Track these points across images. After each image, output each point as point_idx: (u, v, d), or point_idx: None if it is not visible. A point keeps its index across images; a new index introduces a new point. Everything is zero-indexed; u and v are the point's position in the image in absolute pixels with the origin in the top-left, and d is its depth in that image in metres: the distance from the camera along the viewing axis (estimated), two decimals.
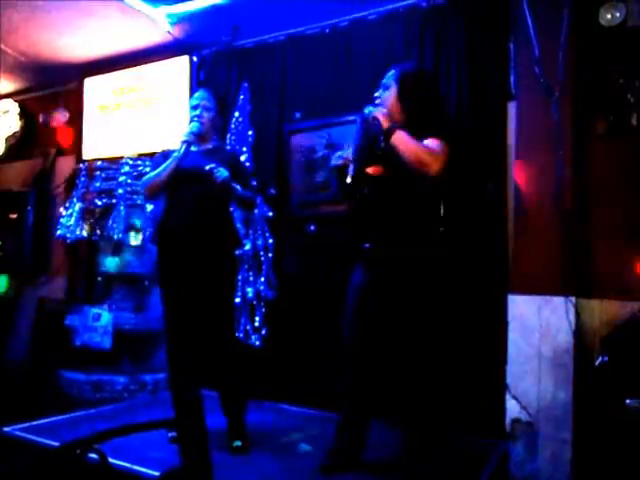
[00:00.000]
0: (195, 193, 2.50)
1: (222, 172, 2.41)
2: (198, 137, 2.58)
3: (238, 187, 2.52)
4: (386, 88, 2.33)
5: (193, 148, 2.57)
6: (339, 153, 2.31)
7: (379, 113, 2.19)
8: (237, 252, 3.09)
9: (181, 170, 2.50)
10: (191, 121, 2.62)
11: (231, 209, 2.76)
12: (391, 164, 2.18)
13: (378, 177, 2.22)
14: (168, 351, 2.57)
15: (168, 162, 2.51)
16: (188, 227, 2.50)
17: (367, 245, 2.26)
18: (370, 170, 2.23)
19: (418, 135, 2.15)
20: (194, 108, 2.65)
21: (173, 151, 2.57)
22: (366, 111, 2.24)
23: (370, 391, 2.28)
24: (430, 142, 2.14)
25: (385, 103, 2.29)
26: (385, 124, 2.16)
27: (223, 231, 2.62)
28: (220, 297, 2.60)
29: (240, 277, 3.54)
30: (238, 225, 3.39)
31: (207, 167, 2.41)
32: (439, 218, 2.33)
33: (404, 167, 2.12)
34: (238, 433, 2.51)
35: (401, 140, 2.12)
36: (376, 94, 2.36)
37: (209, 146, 2.67)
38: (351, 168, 2.22)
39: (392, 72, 2.36)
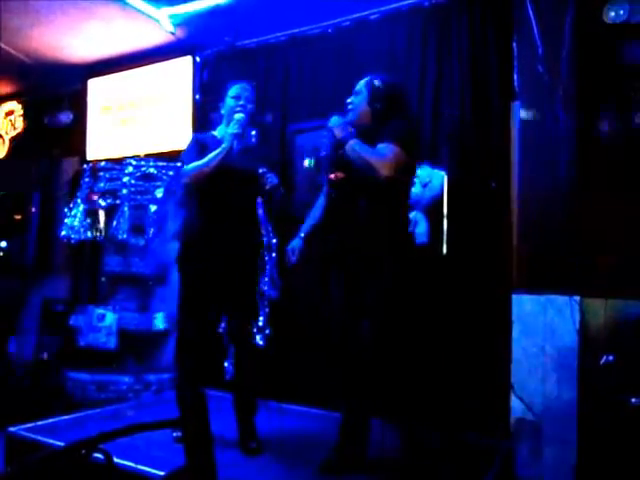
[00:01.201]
0: (230, 194, 2.48)
1: (273, 178, 2.43)
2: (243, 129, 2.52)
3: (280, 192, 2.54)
4: (357, 94, 2.42)
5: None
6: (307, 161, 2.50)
7: (334, 125, 2.34)
8: None
9: (223, 167, 2.44)
10: (235, 111, 2.54)
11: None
12: (349, 170, 2.30)
13: (339, 182, 2.35)
14: (179, 349, 2.56)
15: (216, 152, 2.43)
16: (223, 228, 2.48)
17: (331, 246, 2.37)
18: (332, 176, 2.37)
19: (380, 140, 2.24)
20: (236, 98, 2.57)
21: (205, 136, 2.55)
22: (329, 123, 2.37)
23: (372, 390, 2.28)
24: (383, 146, 2.22)
25: (356, 108, 2.40)
26: (339, 135, 2.30)
27: (254, 232, 2.64)
28: (246, 298, 2.60)
29: None
30: None
31: (260, 170, 2.44)
32: (398, 219, 2.45)
33: (360, 173, 2.24)
34: (252, 434, 2.50)
35: (352, 149, 2.25)
36: (348, 100, 2.44)
37: (241, 146, 2.59)
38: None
39: (364, 80, 2.43)
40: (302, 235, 2.51)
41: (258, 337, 3.47)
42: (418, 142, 2.64)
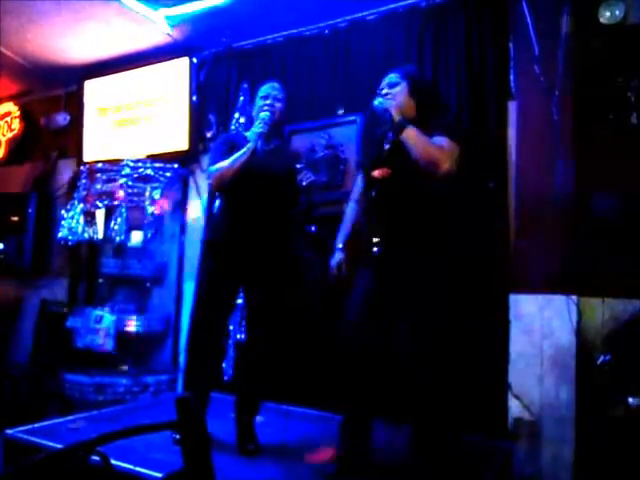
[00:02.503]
0: (260, 194, 2.43)
1: (309, 174, 2.45)
2: (269, 128, 2.47)
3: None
4: (394, 85, 2.28)
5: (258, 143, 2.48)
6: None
7: (391, 106, 2.14)
8: None
9: (248, 166, 2.41)
10: (261, 110, 2.51)
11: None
12: (398, 166, 2.16)
13: (385, 179, 2.19)
14: (191, 348, 2.56)
15: (241, 153, 2.39)
16: (246, 229, 2.46)
17: (376, 249, 2.21)
18: (377, 173, 2.21)
19: (428, 133, 2.11)
20: (265, 97, 2.55)
21: (236, 135, 2.52)
22: (376, 102, 2.19)
23: (373, 392, 2.27)
24: (439, 140, 2.10)
25: (397, 98, 2.24)
26: (396, 117, 2.12)
27: (281, 235, 2.56)
28: (272, 301, 2.57)
29: None
30: None
31: (298, 165, 2.45)
32: (445, 220, 2.29)
33: (411, 168, 2.09)
34: (251, 436, 2.50)
35: (412, 135, 2.07)
36: (384, 91, 2.28)
37: (271, 146, 2.57)
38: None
39: (395, 73, 2.32)
40: (340, 246, 2.35)
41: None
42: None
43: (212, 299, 2.54)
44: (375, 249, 2.21)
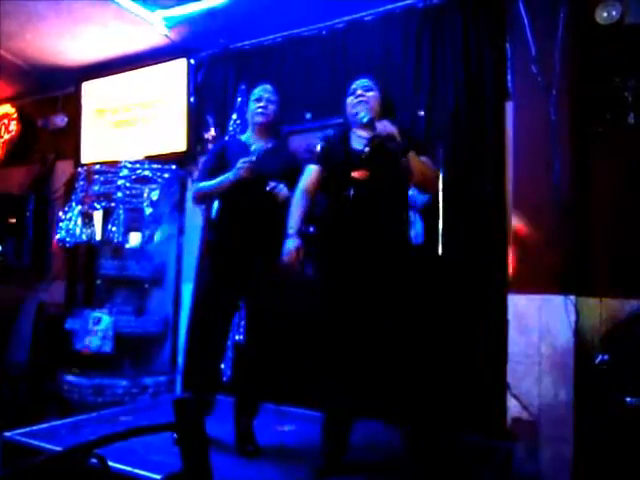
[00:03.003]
0: (254, 198, 2.46)
1: (283, 190, 2.42)
2: (259, 128, 2.55)
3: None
4: (368, 90, 2.37)
5: (254, 147, 2.52)
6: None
7: (393, 130, 2.18)
8: None
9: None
10: (255, 113, 2.57)
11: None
12: (378, 169, 2.24)
13: (364, 181, 2.25)
14: (190, 349, 2.57)
15: (223, 179, 2.46)
16: (245, 230, 2.49)
17: (348, 246, 2.26)
18: (356, 174, 2.26)
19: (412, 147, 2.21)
20: (258, 100, 2.60)
21: (226, 143, 2.54)
22: (364, 118, 2.25)
23: (351, 391, 2.29)
24: (428, 161, 2.24)
25: (371, 103, 2.34)
26: (399, 139, 2.16)
27: (276, 238, 2.56)
28: (267, 304, 2.59)
29: None
30: None
31: (268, 187, 2.42)
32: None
33: (391, 173, 2.21)
34: (250, 437, 2.51)
35: (415, 159, 2.17)
36: (358, 91, 2.36)
37: (269, 145, 2.61)
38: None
39: (367, 79, 2.41)
40: (293, 232, 2.29)
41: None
42: None
43: (210, 301, 2.57)
44: (351, 247, 2.24)
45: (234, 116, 3.71)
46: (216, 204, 2.71)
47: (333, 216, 2.35)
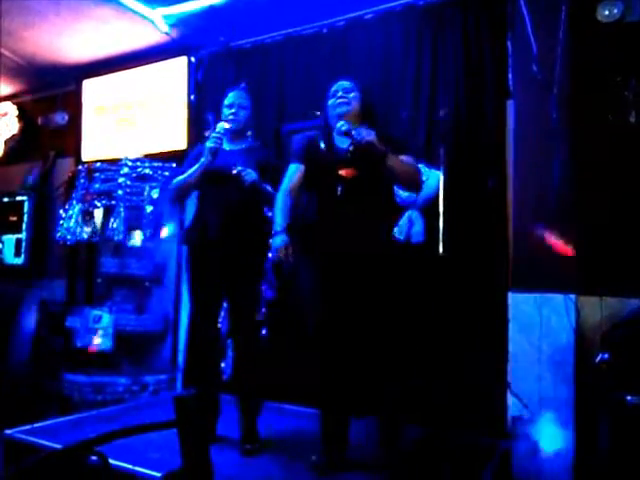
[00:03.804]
0: (227, 193, 2.51)
1: (250, 174, 2.44)
2: (231, 135, 2.60)
3: (269, 187, 2.54)
4: (349, 91, 2.40)
5: (227, 147, 2.58)
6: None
7: (371, 138, 2.19)
8: None
9: (213, 170, 2.51)
10: (225, 120, 2.61)
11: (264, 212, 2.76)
12: (363, 167, 2.26)
13: (352, 179, 2.27)
14: (190, 349, 2.59)
15: (195, 167, 2.52)
16: (221, 227, 2.51)
17: (337, 243, 2.28)
18: (343, 172, 2.28)
19: (391, 148, 2.23)
20: (229, 107, 2.64)
21: (200, 147, 2.60)
22: (345, 127, 2.27)
23: (344, 388, 2.31)
24: (410, 159, 2.29)
25: (351, 104, 2.38)
26: (379, 145, 2.19)
27: (254, 233, 2.62)
28: (248, 299, 2.63)
29: None
30: None
31: (234, 171, 2.44)
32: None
33: (377, 171, 2.23)
34: (250, 436, 2.52)
35: (396, 163, 2.23)
36: (339, 93, 2.40)
37: (243, 145, 2.67)
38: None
39: (348, 81, 2.45)
40: (280, 229, 2.28)
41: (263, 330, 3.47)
42: None
43: (195, 301, 2.64)
44: (339, 244, 2.26)
45: None
46: (191, 208, 2.74)
47: (322, 213, 2.36)
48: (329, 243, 2.30)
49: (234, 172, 2.44)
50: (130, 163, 3.92)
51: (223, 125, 2.56)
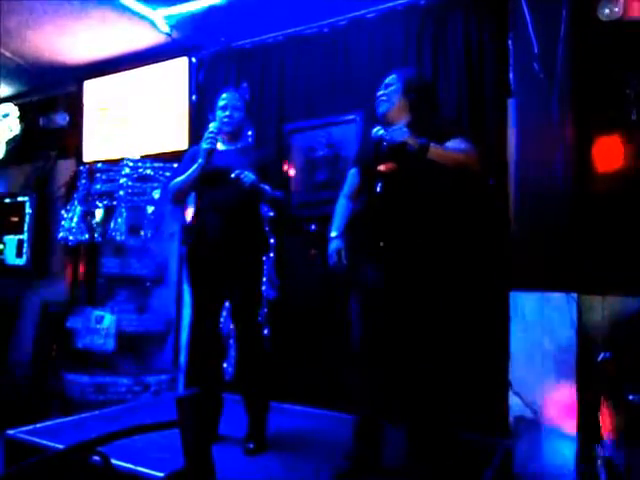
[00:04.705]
0: (225, 194, 2.50)
1: (248, 176, 2.43)
2: (227, 136, 2.61)
3: (267, 187, 2.53)
4: (389, 86, 2.36)
5: (223, 147, 2.59)
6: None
7: (406, 137, 2.11)
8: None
9: (210, 171, 2.51)
10: (220, 122, 2.62)
11: (261, 212, 2.76)
12: (404, 161, 2.16)
13: (392, 174, 2.20)
14: (191, 350, 2.61)
15: (192, 169, 2.52)
16: (220, 228, 2.50)
17: (381, 244, 2.20)
18: (382, 167, 2.22)
19: (435, 137, 2.13)
20: (223, 109, 2.65)
21: (196, 149, 2.60)
22: (380, 132, 2.20)
23: (384, 392, 2.26)
24: (459, 143, 2.18)
25: (391, 99, 2.32)
26: (413, 143, 2.10)
27: (253, 233, 2.62)
28: (248, 298, 2.61)
29: None
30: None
31: (233, 175, 2.43)
32: (451, 216, 2.32)
33: (418, 165, 2.12)
34: (254, 435, 2.51)
35: (438, 154, 2.11)
36: (380, 92, 2.37)
37: (238, 145, 2.69)
38: None
39: (393, 74, 2.39)
40: (335, 235, 2.30)
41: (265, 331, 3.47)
42: None
43: (196, 302, 2.63)
44: (381, 245, 2.19)
45: None
46: (191, 209, 2.75)
47: (364, 212, 2.31)
48: (372, 243, 2.22)
49: (233, 176, 2.43)
50: (131, 164, 3.93)
51: (216, 124, 2.56)
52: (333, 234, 2.31)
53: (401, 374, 2.24)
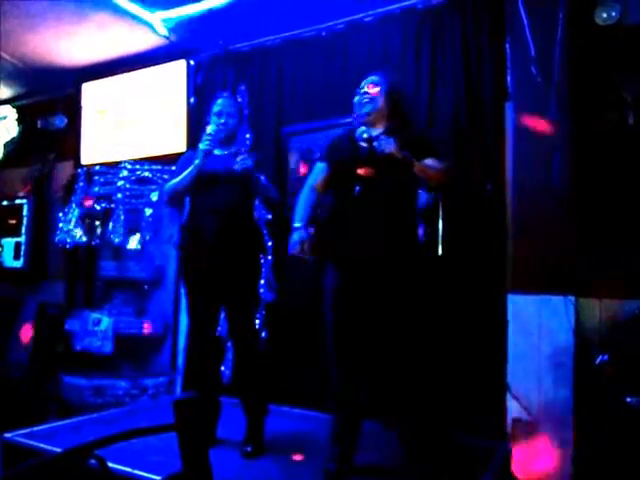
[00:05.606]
0: (218, 197, 2.51)
1: (245, 161, 2.45)
2: (221, 142, 2.61)
3: (262, 177, 2.55)
4: (374, 85, 2.34)
5: (217, 152, 2.59)
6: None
7: (392, 149, 2.13)
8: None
9: (205, 174, 2.52)
10: (215, 128, 2.62)
11: (259, 214, 2.78)
12: (381, 165, 2.19)
13: (370, 178, 2.22)
14: (189, 354, 2.60)
15: (189, 170, 2.53)
16: (215, 231, 2.50)
17: (352, 247, 2.23)
18: (362, 171, 2.23)
19: (411, 150, 2.17)
20: (218, 115, 2.66)
21: (193, 152, 2.60)
22: (365, 135, 2.23)
23: (360, 393, 2.27)
24: (436, 162, 2.22)
25: (376, 100, 2.31)
26: (400, 157, 2.13)
27: (248, 235, 2.62)
28: (245, 301, 2.61)
29: None
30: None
31: (237, 159, 2.46)
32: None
33: (396, 170, 2.16)
34: (252, 438, 2.51)
35: (420, 169, 2.17)
36: (363, 89, 2.34)
37: (232, 150, 2.69)
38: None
39: (376, 75, 2.39)
40: (299, 225, 2.27)
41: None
42: None
43: (193, 306, 2.63)
44: (357, 247, 2.21)
45: None
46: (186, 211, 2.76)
47: (338, 213, 2.32)
48: (343, 244, 2.25)
49: (237, 159, 2.46)
50: (129, 166, 3.93)
51: (214, 127, 2.58)
52: (297, 224, 2.28)
53: (383, 375, 2.25)
